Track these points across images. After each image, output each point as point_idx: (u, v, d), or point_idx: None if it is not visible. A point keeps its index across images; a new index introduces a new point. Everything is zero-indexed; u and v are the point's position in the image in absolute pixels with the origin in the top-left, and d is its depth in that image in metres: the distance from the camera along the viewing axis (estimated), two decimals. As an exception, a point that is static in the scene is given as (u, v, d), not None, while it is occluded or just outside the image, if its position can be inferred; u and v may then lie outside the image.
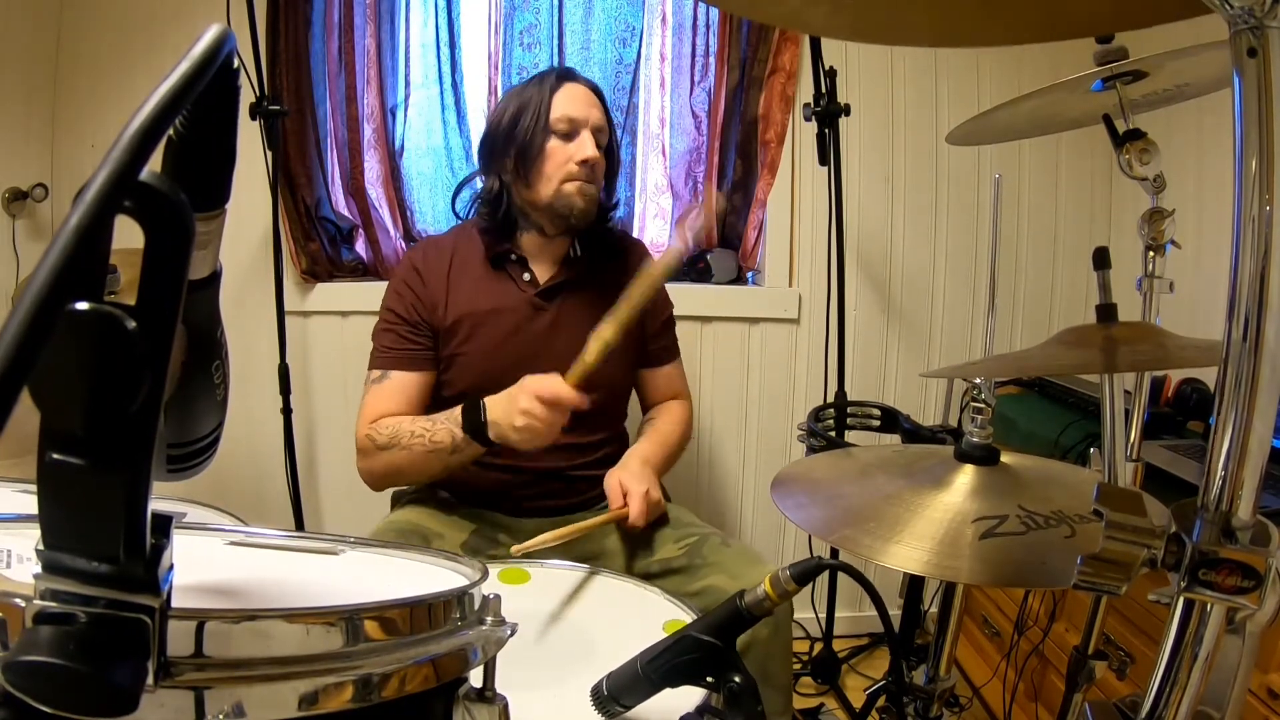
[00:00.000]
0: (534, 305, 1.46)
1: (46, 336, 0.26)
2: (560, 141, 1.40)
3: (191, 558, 0.49)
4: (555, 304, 1.47)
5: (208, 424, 0.54)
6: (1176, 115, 1.21)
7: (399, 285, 1.47)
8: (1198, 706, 0.48)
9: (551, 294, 1.47)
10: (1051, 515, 0.69)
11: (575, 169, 1.39)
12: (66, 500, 0.32)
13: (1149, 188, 0.92)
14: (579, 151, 1.39)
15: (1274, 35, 0.43)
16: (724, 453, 2.20)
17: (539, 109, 1.40)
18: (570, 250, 1.49)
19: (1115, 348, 0.85)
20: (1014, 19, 0.64)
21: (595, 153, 1.40)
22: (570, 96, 1.41)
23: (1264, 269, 0.43)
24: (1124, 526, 0.46)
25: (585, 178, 1.40)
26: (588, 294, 1.47)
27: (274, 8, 1.86)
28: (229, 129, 0.44)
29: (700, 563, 1.29)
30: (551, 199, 1.41)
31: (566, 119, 1.39)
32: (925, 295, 2.21)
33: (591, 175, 1.41)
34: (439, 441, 1.29)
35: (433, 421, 1.31)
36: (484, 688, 0.55)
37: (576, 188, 1.40)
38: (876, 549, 0.67)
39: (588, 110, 1.41)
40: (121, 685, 0.34)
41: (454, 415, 1.28)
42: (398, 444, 1.32)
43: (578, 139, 1.40)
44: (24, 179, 1.84)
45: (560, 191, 1.40)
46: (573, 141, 1.40)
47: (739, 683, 0.72)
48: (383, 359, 1.43)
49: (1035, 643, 1.57)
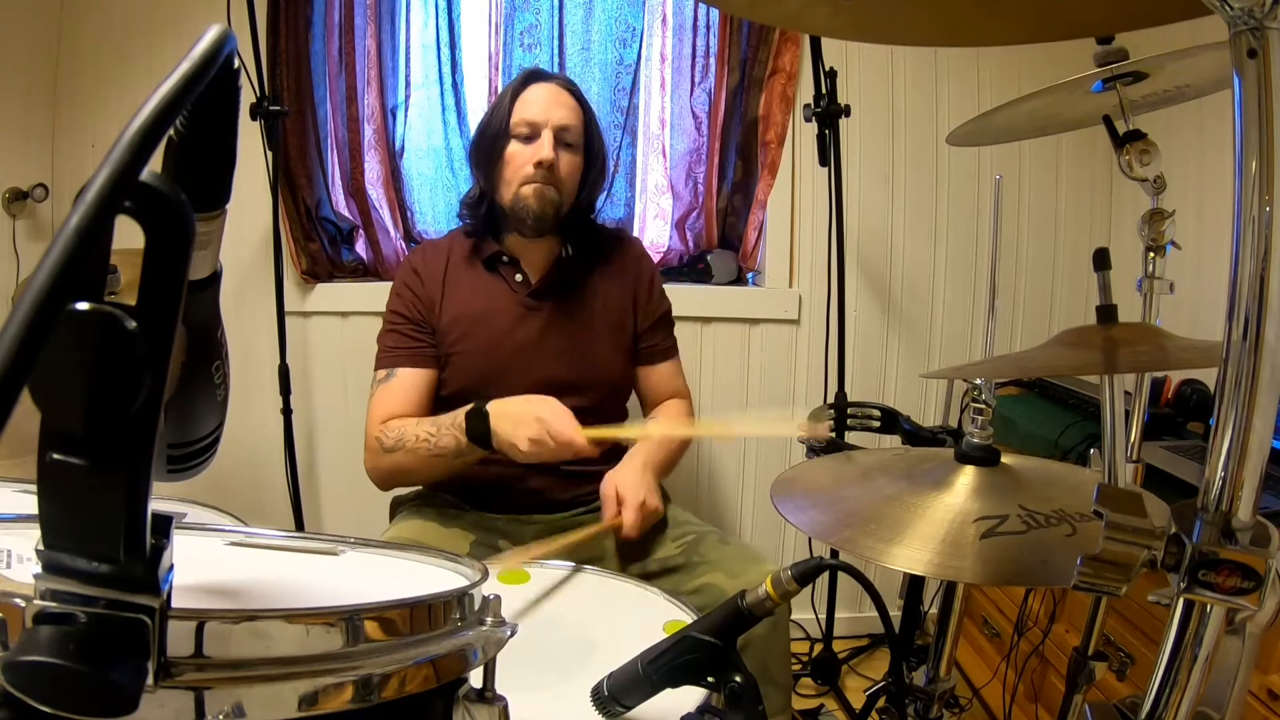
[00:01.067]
0: (526, 306, 1.47)
1: (46, 336, 0.26)
2: (520, 145, 1.41)
3: (191, 558, 0.49)
4: (547, 304, 1.47)
5: (208, 424, 0.53)
6: (1176, 116, 1.21)
7: (399, 288, 1.49)
8: (1198, 707, 0.48)
9: (543, 294, 1.48)
10: (1052, 514, 0.69)
11: (530, 171, 1.40)
12: (66, 500, 0.32)
13: (1149, 189, 0.91)
14: (535, 153, 1.40)
15: (1274, 36, 0.43)
16: (724, 454, 2.20)
17: (502, 114, 1.42)
18: (562, 250, 1.50)
19: (1115, 349, 0.85)
20: (1014, 19, 0.64)
21: (549, 154, 1.39)
22: (531, 99, 1.42)
23: (1264, 269, 0.43)
24: (1124, 527, 0.46)
25: (541, 180, 1.40)
26: (580, 293, 1.48)
27: (274, 8, 1.86)
28: (229, 129, 0.44)
29: (698, 560, 1.29)
30: (511, 202, 1.42)
31: (525, 122, 1.41)
32: (925, 296, 2.21)
33: (549, 177, 1.40)
34: (444, 447, 1.30)
35: (437, 427, 1.32)
36: (484, 688, 0.55)
37: (532, 190, 1.40)
38: (879, 550, 0.67)
39: (548, 111, 1.41)
40: (121, 685, 0.34)
41: (458, 422, 1.29)
42: (403, 447, 1.33)
43: (537, 140, 1.40)
44: (24, 179, 1.84)
45: (518, 195, 1.41)
46: (532, 144, 1.41)
47: (740, 683, 0.72)
48: (388, 358, 1.45)
49: (1035, 643, 1.57)
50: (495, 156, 1.42)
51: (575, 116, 1.44)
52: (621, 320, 1.51)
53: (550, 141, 1.40)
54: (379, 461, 1.37)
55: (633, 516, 1.27)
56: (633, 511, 1.27)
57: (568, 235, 1.49)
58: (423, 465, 1.33)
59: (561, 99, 1.43)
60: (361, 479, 1.43)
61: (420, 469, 1.35)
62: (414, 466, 1.34)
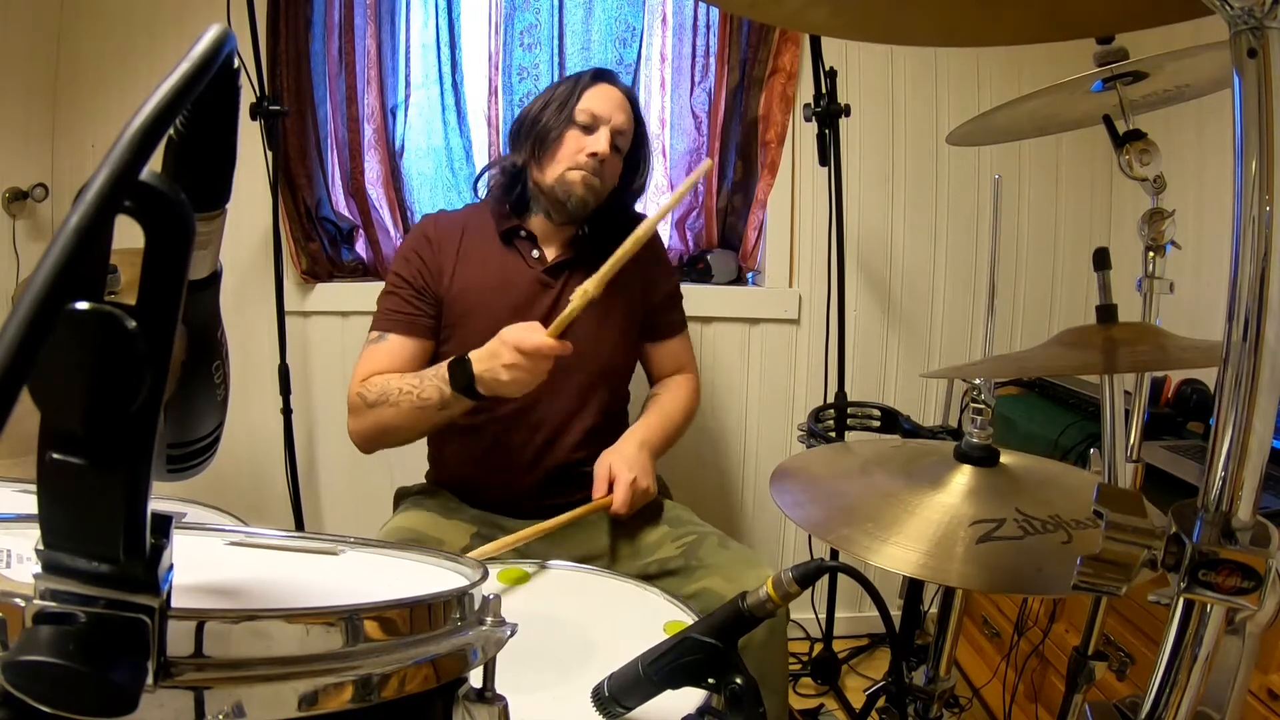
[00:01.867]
0: (540, 281, 1.48)
1: (46, 336, 0.26)
2: (579, 131, 1.44)
3: (191, 558, 0.49)
4: (561, 281, 1.49)
5: (208, 424, 0.53)
6: (1176, 116, 1.21)
7: (408, 252, 1.49)
8: (1198, 707, 0.48)
9: (558, 271, 1.49)
10: (1049, 520, 0.69)
11: (584, 159, 1.42)
12: (66, 500, 0.32)
13: (1149, 188, 0.92)
14: (592, 144, 1.42)
15: (1274, 36, 0.43)
16: (724, 453, 2.20)
17: (567, 99, 1.45)
18: (579, 230, 1.51)
19: (1115, 348, 0.85)
20: (1014, 19, 0.64)
21: (606, 149, 1.43)
22: (599, 95, 1.46)
23: (1264, 269, 0.43)
24: (1124, 527, 0.46)
25: (591, 169, 1.43)
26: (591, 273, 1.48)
27: (274, 8, 1.86)
28: (229, 129, 0.44)
29: (696, 564, 1.29)
30: (555, 182, 1.44)
31: (589, 113, 1.44)
32: (925, 295, 2.21)
33: (599, 170, 1.44)
34: (427, 398, 1.29)
35: (420, 379, 1.32)
36: (484, 688, 0.55)
37: (580, 176, 1.43)
38: (872, 549, 0.67)
39: (612, 111, 1.45)
40: (121, 685, 0.34)
41: (440, 373, 1.28)
42: (386, 400, 1.32)
43: (596, 133, 1.43)
44: (24, 179, 1.84)
45: (564, 177, 1.43)
46: (590, 135, 1.44)
47: (740, 684, 0.72)
48: (383, 321, 1.45)
49: (1035, 643, 1.57)
50: (551, 135, 1.44)
51: (631, 126, 1.49)
52: (631, 299, 1.52)
53: (607, 138, 1.43)
54: (363, 419, 1.36)
55: (624, 494, 1.28)
56: (624, 489, 1.28)
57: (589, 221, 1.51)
58: (406, 420, 1.32)
59: (625, 106, 1.48)
60: (361, 478, 1.43)
61: (404, 424, 1.33)
62: (397, 422, 1.33)
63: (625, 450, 1.36)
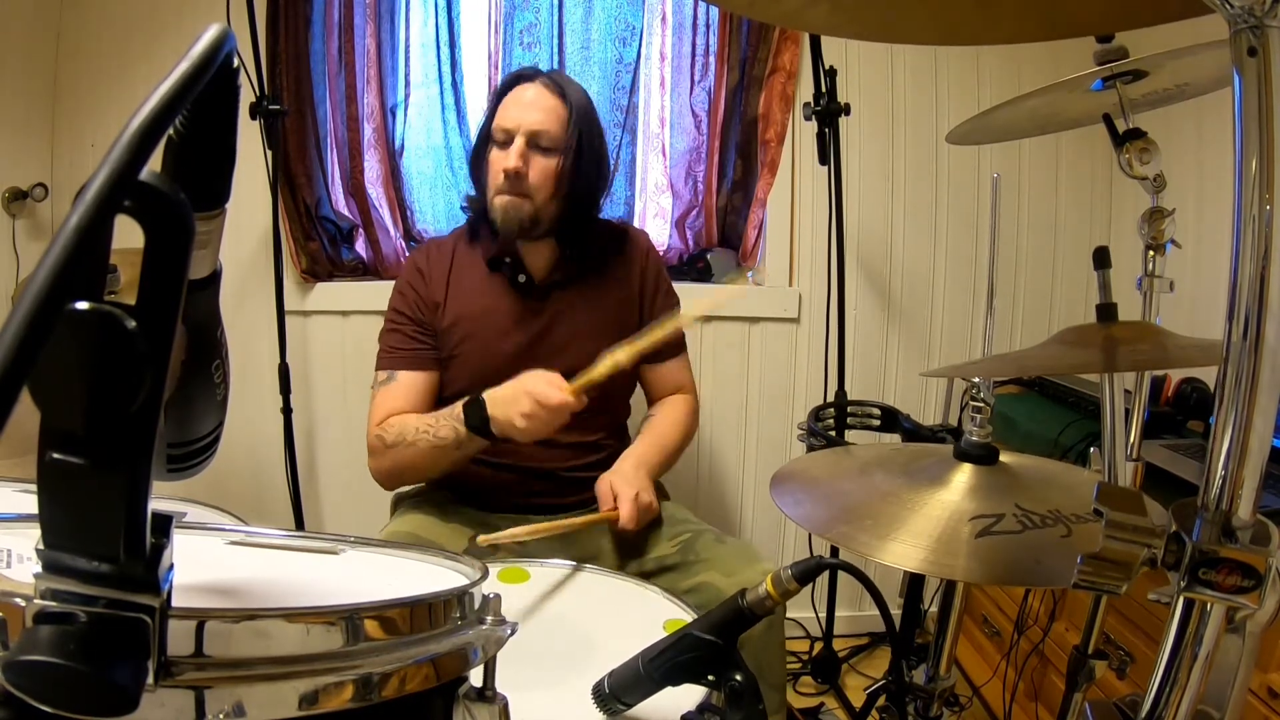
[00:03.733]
0: (529, 305, 1.46)
1: (46, 336, 0.26)
2: (499, 151, 1.39)
3: (191, 557, 0.49)
4: (550, 303, 1.47)
5: (208, 424, 0.54)
6: (1176, 115, 1.21)
7: (403, 286, 1.48)
8: (1198, 706, 0.48)
9: (546, 293, 1.47)
10: (1048, 515, 0.69)
11: (500, 181, 1.37)
12: (66, 500, 0.32)
13: (1149, 187, 0.91)
14: (502, 160, 1.37)
15: (1274, 35, 0.43)
16: (724, 453, 2.20)
17: (490, 117, 1.42)
18: (563, 251, 1.48)
19: (1115, 347, 0.85)
20: (1014, 19, 0.64)
21: (514, 162, 1.35)
22: (510, 102, 1.40)
23: (1264, 269, 0.43)
24: (1124, 526, 0.46)
25: (509, 190, 1.37)
26: (583, 291, 1.48)
27: (274, 8, 1.85)
28: (229, 129, 0.44)
29: (693, 559, 1.29)
30: (491, 210, 1.40)
31: (501, 129, 1.38)
32: (925, 295, 2.21)
33: (516, 186, 1.37)
34: (443, 438, 1.30)
35: (436, 418, 1.32)
36: (484, 687, 0.55)
37: (500, 202, 1.38)
38: (873, 546, 0.67)
39: (521, 115, 1.37)
40: (121, 685, 0.34)
41: (455, 413, 1.29)
42: (404, 441, 1.33)
43: (509, 147, 1.37)
44: (24, 179, 1.84)
45: (493, 204, 1.39)
46: (506, 150, 1.38)
47: (740, 681, 0.73)
48: (389, 359, 1.45)
49: (1035, 642, 1.57)
50: (480, 164, 1.43)
51: (554, 118, 1.38)
52: (626, 318, 1.50)
53: (519, 149, 1.35)
54: (382, 460, 1.37)
55: (629, 509, 1.27)
56: (628, 504, 1.27)
57: (566, 236, 1.47)
58: (424, 458, 1.33)
59: (541, 101, 1.38)
60: (361, 478, 1.43)
61: (422, 463, 1.35)
62: (416, 461, 1.34)
63: (624, 469, 1.36)
